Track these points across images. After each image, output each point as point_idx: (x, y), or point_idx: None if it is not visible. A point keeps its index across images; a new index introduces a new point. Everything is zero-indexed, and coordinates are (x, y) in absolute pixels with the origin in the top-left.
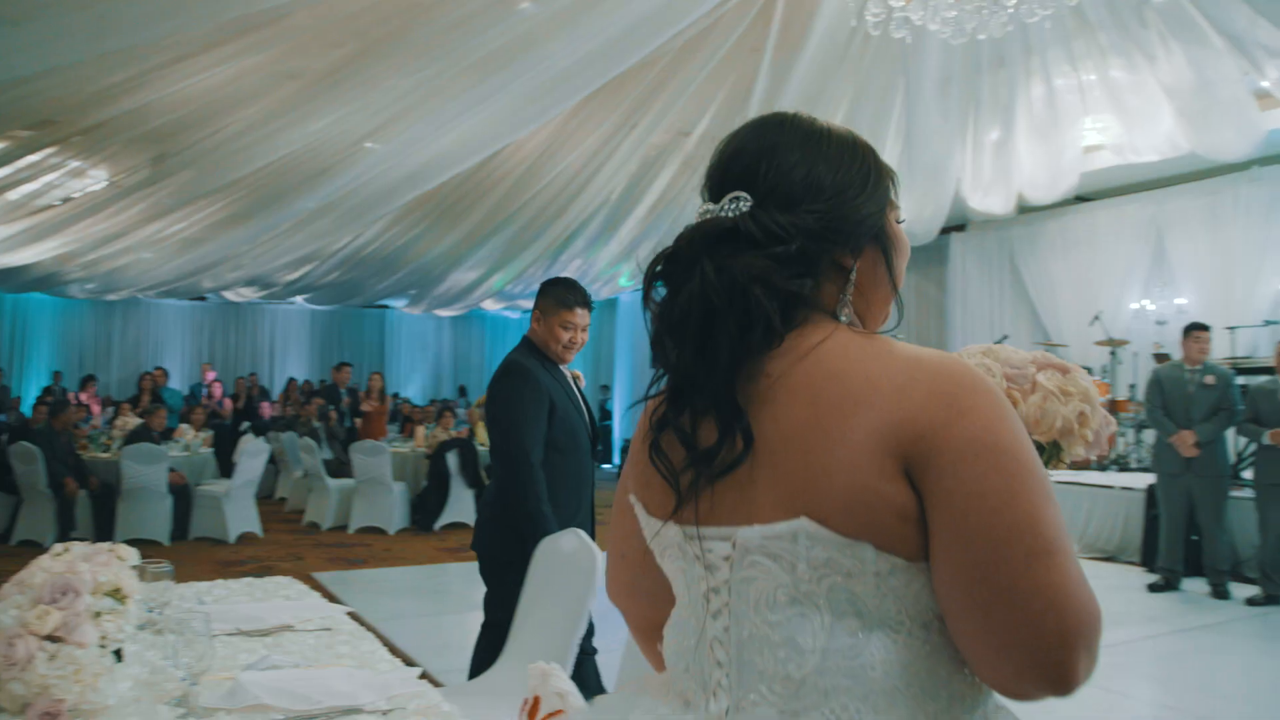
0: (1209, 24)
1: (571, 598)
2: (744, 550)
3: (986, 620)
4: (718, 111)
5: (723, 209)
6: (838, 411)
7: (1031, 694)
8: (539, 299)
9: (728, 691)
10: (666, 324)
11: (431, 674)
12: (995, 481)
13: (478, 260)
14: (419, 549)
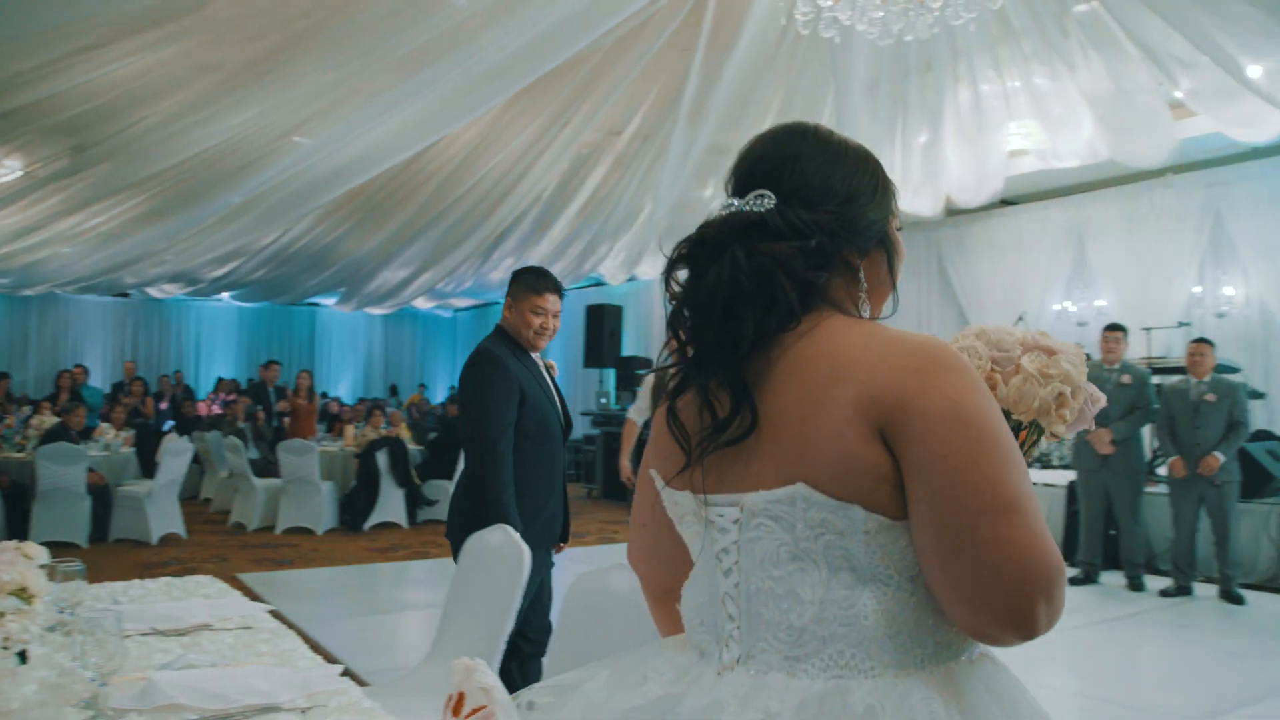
0: (1125, 35)
1: (499, 593)
2: (750, 514)
3: (953, 569)
4: (649, 110)
5: (747, 204)
6: (824, 385)
7: (997, 637)
8: (510, 287)
9: (739, 642)
10: (691, 303)
11: (360, 674)
12: (958, 446)
13: (408, 258)
14: (348, 549)
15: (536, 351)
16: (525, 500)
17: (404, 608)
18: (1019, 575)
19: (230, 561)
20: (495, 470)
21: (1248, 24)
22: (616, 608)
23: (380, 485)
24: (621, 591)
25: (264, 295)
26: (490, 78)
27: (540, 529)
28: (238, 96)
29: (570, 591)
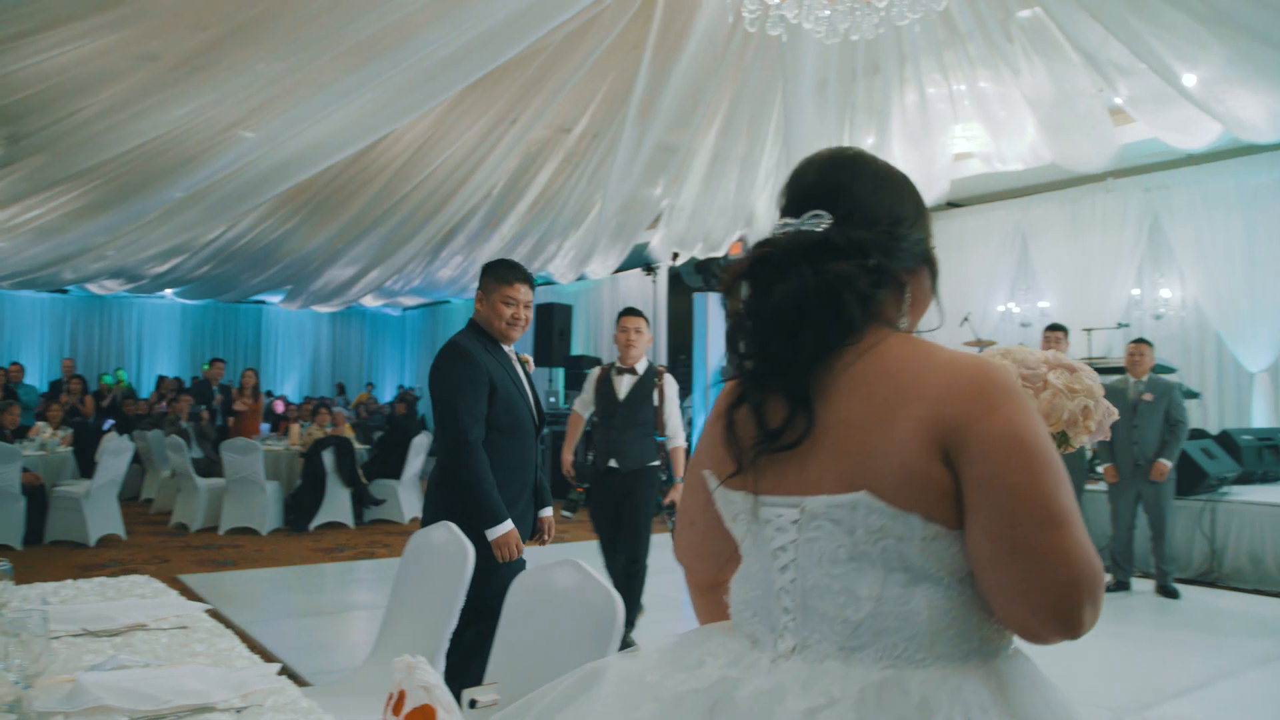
0: (1067, 41)
1: (443, 590)
2: (810, 516)
3: (1009, 574)
4: (599, 108)
5: (803, 224)
6: (889, 405)
7: (1046, 636)
8: (480, 280)
9: (793, 633)
10: (757, 317)
11: (303, 675)
12: (1016, 466)
13: (356, 255)
14: (293, 550)
15: (510, 343)
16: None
17: (350, 608)
18: (1069, 581)
19: (171, 563)
20: (471, 461)
21: (1183, 33)
22: (560, 604)
23: (326, 485)
24: (565, 588)
25: (208, 292)
26: (438, 72)
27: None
28: (180, 88)
29: (514, 588)
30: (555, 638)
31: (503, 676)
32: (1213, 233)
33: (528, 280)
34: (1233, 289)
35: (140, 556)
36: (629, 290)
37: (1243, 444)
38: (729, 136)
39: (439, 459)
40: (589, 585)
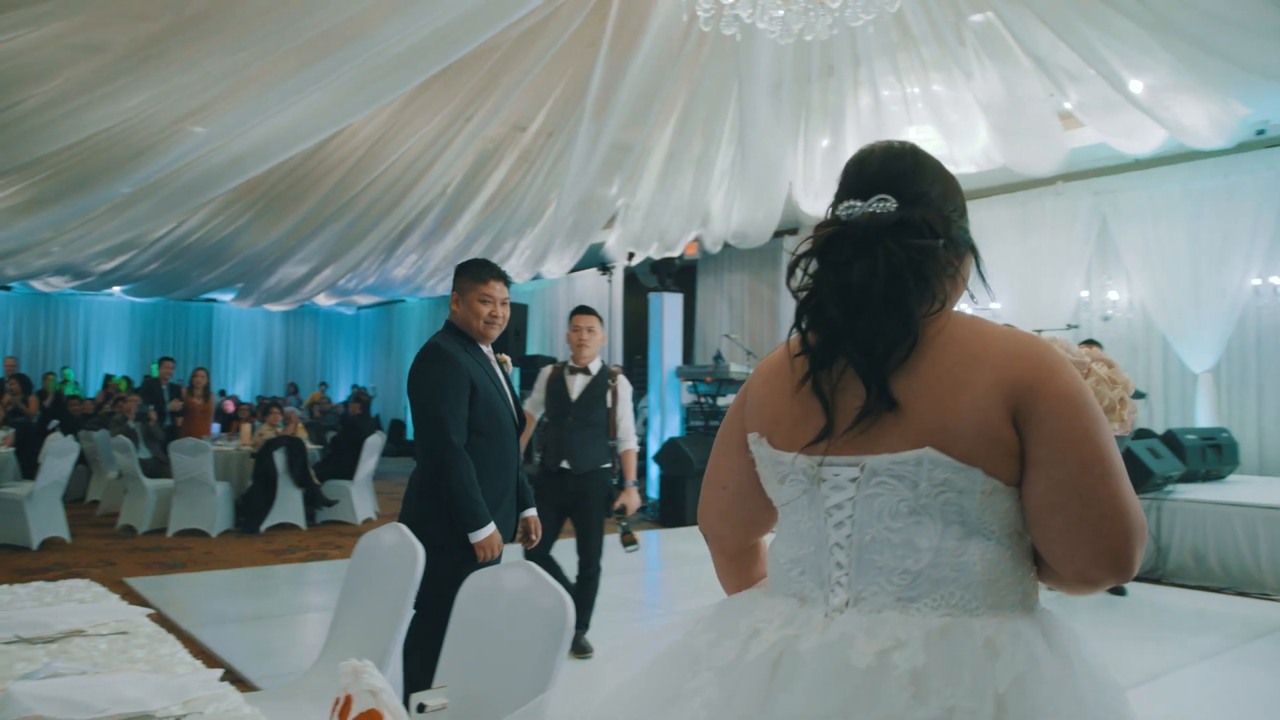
0: (1018, 45)
1: (393, 593)
2: (871, 473)
3: (1075, 522)
4: (554, 106)
5: (871, 206)
6: (963, 369)
7: (1102, 580)
8: (455, 282)
9: (846, 587)
10: (841, 289)
11: (252, 679)
12: (1077, 422)
13: (309, 253)
14: (243, 552)
15: (489, 342)
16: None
17: (301, 610)
18: (1125, 525)
19: (118, 565)
20: (456, 464)
21: (1130, 40)
22: (511, 607)
23: (278, 485)
24: (516, 590)
25: (157, 290)
26: (392, 69)
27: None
28: (127, 80)
29: (464, 591)
30: (506, 640)
31: (452, 680)
32: (1158, 236)
33: (502, 278)
34: (1177, 292)
35: (85, 560)
36: (585, 290)
37: (1187, 443)
38: (684, 136)
39: (419, 463)
40: (540, 587)
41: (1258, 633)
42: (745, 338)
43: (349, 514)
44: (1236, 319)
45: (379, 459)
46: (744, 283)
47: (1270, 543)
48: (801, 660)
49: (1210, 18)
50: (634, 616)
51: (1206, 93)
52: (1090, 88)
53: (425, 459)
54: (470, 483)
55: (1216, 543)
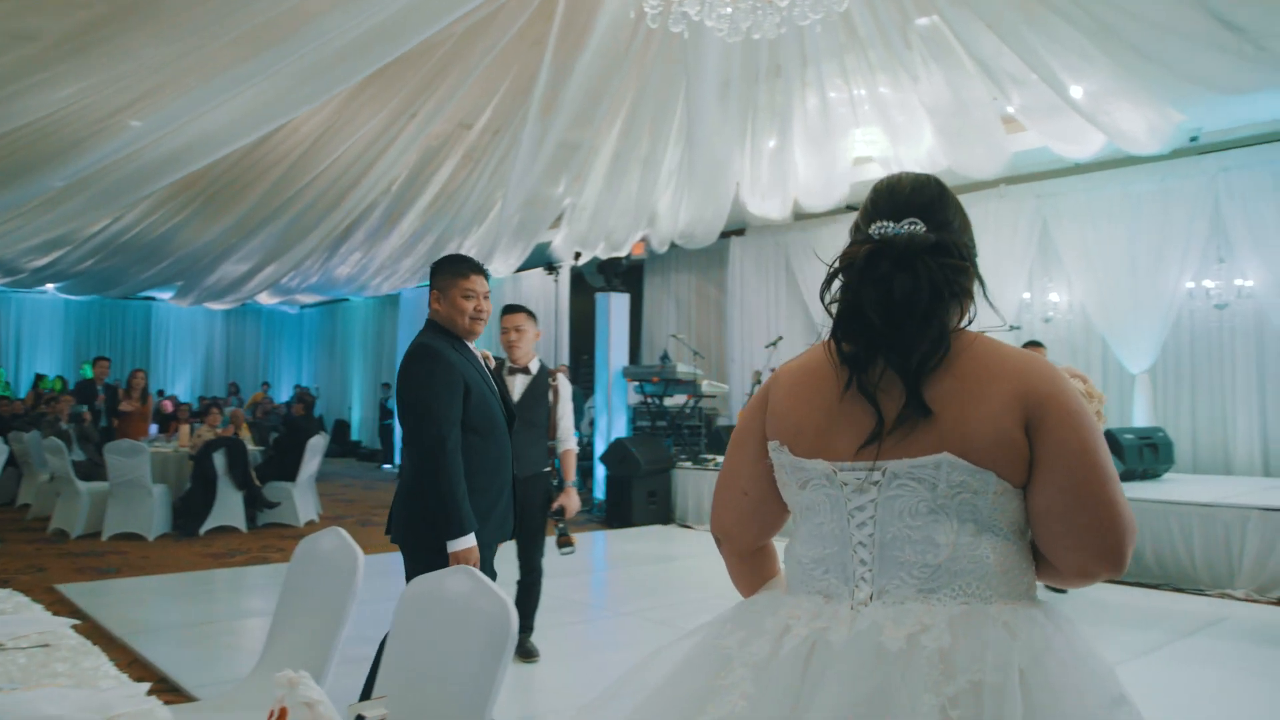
0: (963, 49)
1: (331, 600)
2: (892, 476)
3: (1077, 522)
4: (500, 103)
5: (903, 228)
6: (981, 382)
7: (1099, 573)
8: (433, 279)
9: (870, 582)
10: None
11: (189, 689)
12: (1081, 433)
13: (250, 250)
14: (181, 556)
15: (474, 338)
16: (475, 497)
17: (242, 616)
18: (1121, 527)
19: (48, 571)
20: (447, 467)
21: (1072, 46)
22: (452, 613)
23: (217, 488)
24: (457, 596)
25: (93, 288)
26: (334, 63)
27: (491, 528)
28: (59, 70)
29: (404, 597)
30: (448, 647)
31: (393, 689)
32: (1098, 239)
33: (483, 272)
34: (1116, 294)
35: (14, 565)
36: (531, 290)
37: (1125, 443)
38: (631, 135)
39: (410, 466)
40: (481, 592)
41: (1194, 628)
42: (692, 338)
43: (291, 516)
44: (1172, 321)
45: (322, 460)
46: (691, 283)
47: (1204, 540)
48: (833, 650)
49: (1150, 25)
50: (579, 619)
51: (1144, 99)
52: (1033, 92)
53: (418, 460)
54: (459, 487)
55: (1153, 540)
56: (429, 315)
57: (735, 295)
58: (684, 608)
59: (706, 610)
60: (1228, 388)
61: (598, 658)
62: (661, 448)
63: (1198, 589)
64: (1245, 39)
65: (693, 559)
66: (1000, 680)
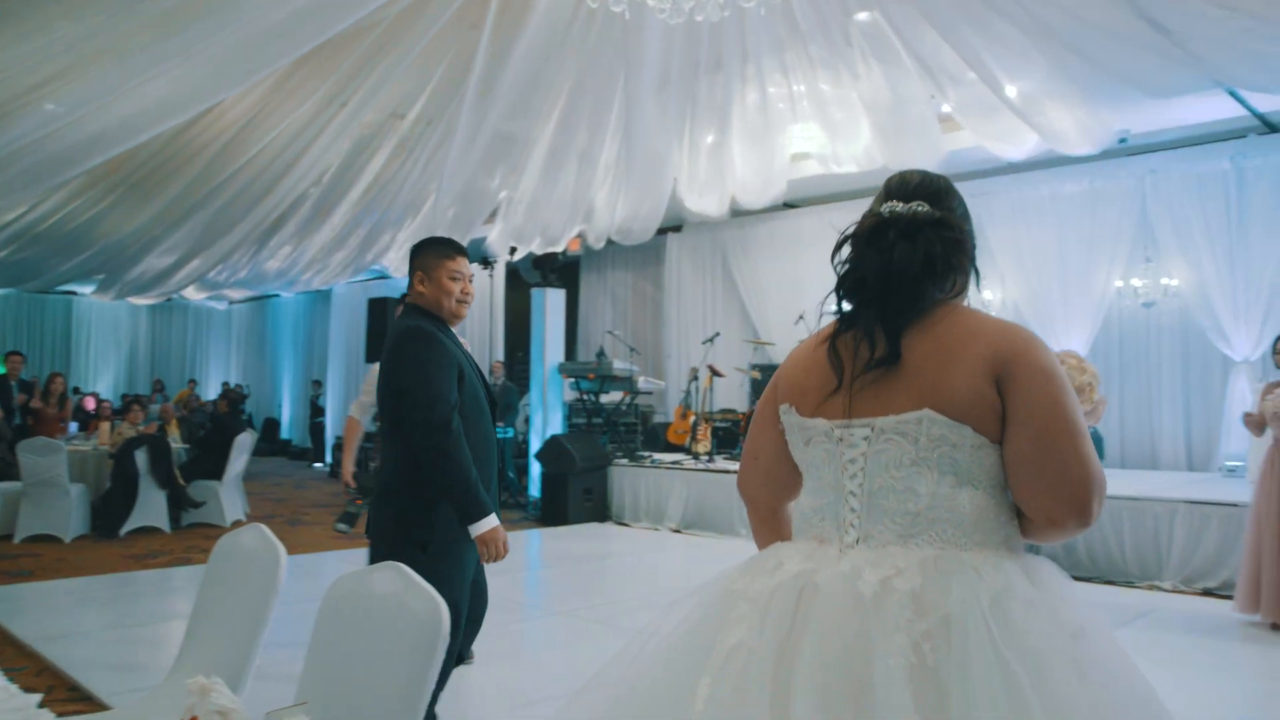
0: (902, 46)
1: (252, 600)
2: (880, 431)
3: (1044, 471)
4: (435, 91)
5: (912, 207)
6: (958, 344)
7: (1064, 524)
8: (415, 262)
9: (857, 528)
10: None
11: (104, 697)
12: (1049, 389)
13: (175, 242)
14: (100, 558)
15: (459, 322)
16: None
17: (163, 619)
18: (1086, 478)
19: None
20: (455, 451)
21: (1010, 44)
22: (380, 613)
23: (139, 487)
24: (386, 594)
25: (8, 280)
26: (260, 44)
27: None
28: None
29: (328, 595)
30: (374, 649)
31: (315, 695)
32: (1030, 238)
33: (466, 254)
34: (1047, 292)
35: None
36: None
37: None
38: (569, 128)
39: (400, 459)
40: (411, 591)
41: (1123, 620)
42: (628, 335)
43: (217, 516)
44: (1102, 319)
45: (251, 458)
46: (627, 280)
47: (1133, 533)
48: (818, 590)
49: (1087, 25)
50: (515, 618)
51: (1077, 100)
52: (969, 91)
53: (420, 450)
54: (471, 470)
55: (1084, 534)
56: (409, 299)
57: (672, 292)
58: (622, 605)
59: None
60: (1154, 384)
61: (534, 658)
62: (597, 445)
63: (1128, 581)
64: (1173, 41)
65: (630, 556)
66: (966, 613)
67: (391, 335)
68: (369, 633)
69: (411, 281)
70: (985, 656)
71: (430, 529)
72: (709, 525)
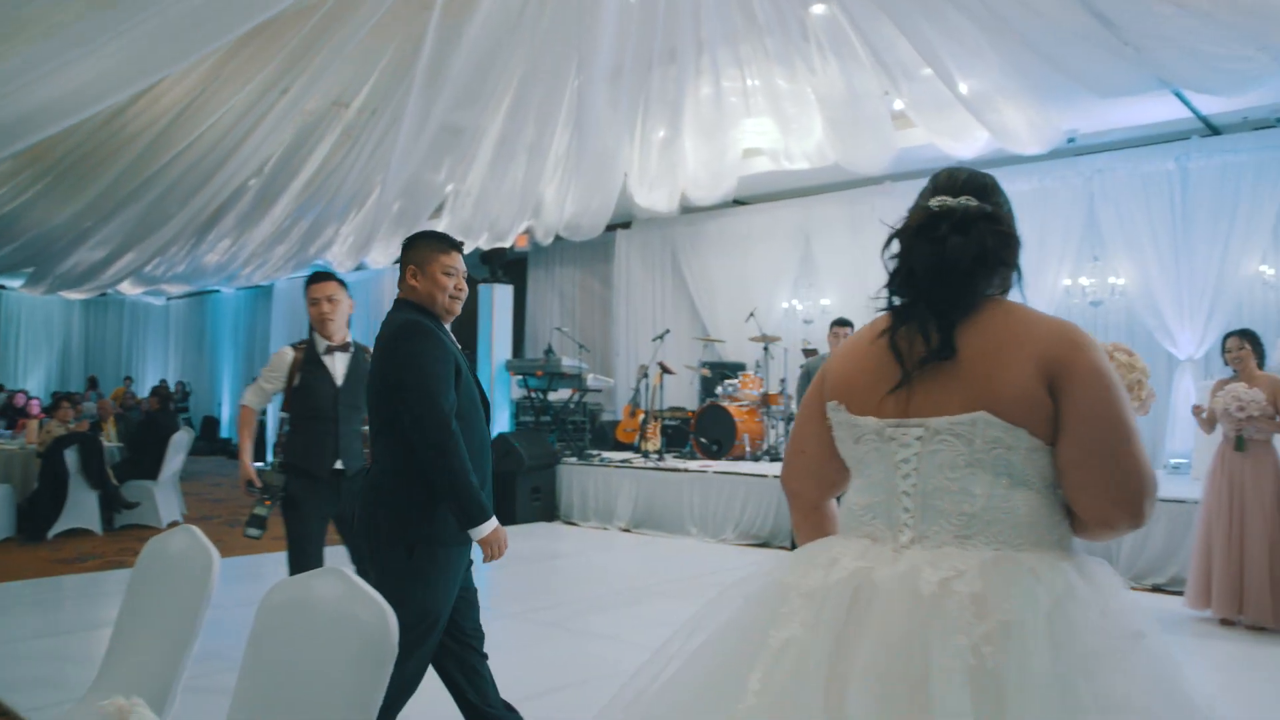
0: (858, 39)
1: (181, 609)
2: (934, 432)
3: (1098, 475)
4: (381, 78)
5: (962, 201)
6: (1008, 345)
7: (1117, 526)
8: (409, 255)
9: (912, 527)
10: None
11: (20, 711)
12: (1103, 394)
13: (108, 234)
14: (26, 562)
15: (452, 318)
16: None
17: (93, 626)
18: (1140, 480)
19: None
20: (456, 451)
21: (965, 40)
22: (322, 622)
23: (69, 487)
24: (328, 601)
25: None
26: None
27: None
28: None
29: (265, 602)
30: (315, 662)
31: (251, 711)
32: None
33: (462, 250)
34: None
35: None
36: None
37: None
38: (518, 120)
39: (395, 455)
40: (356, 598)
41: None
42: (576, 331)
43: (152, 517)
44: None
45: (188, 458)
46: (575, 277)
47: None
48: (876, 589)
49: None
50: None
51: (1028, 100)
52: (922, 87)
53: (418, 449)
54: (471, 471)
55: None
56: (400, 293)
57: (621, 289)
58: (573, 606)
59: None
60: None
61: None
62: (545, 443)
63: None
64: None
65: (579, 556)
66: (1026, 618)
67: (385, 329)
68: (310, 644)
69: (403, 275)
70: (1044, 661)
71: (421, 531)
72: (658, 524)
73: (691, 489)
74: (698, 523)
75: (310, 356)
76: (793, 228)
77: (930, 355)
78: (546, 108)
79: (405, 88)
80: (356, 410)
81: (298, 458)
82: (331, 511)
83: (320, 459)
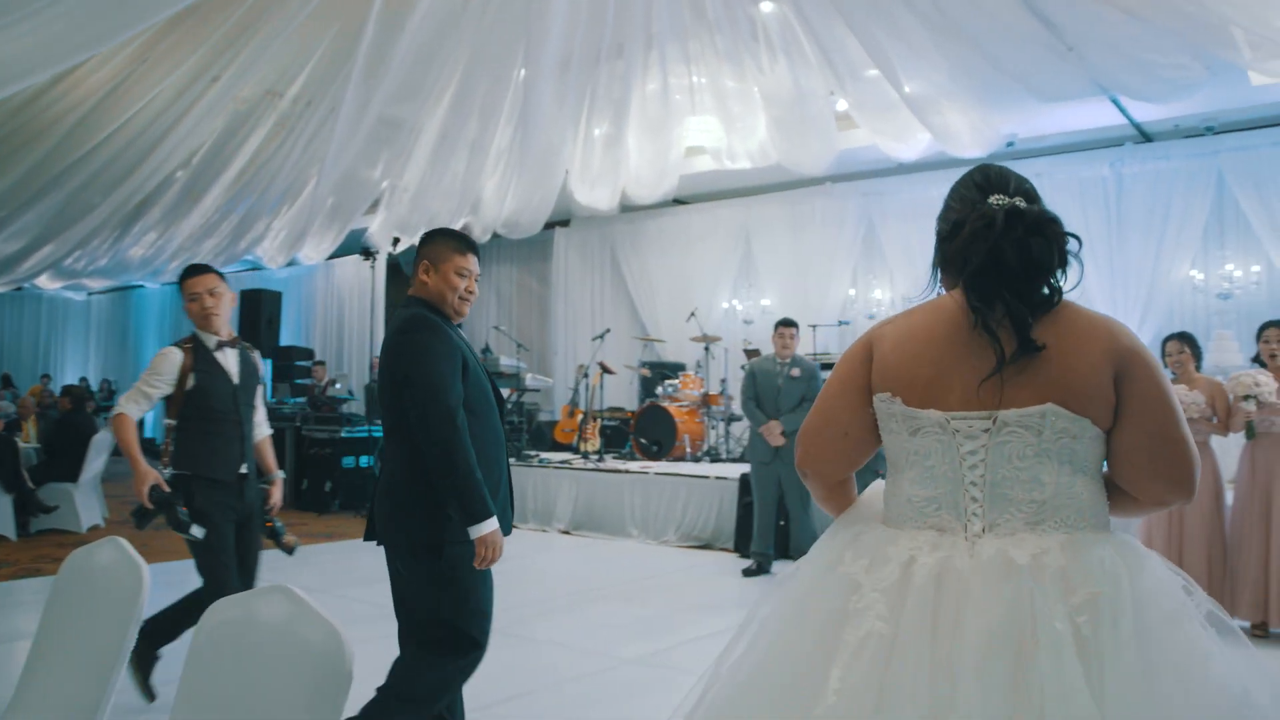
0: (806, 37)
1: (107, 628)
2: (1002, 424)
3: (1158, 460)
4: (317, 67)
5: (1019, 201)
6: (1077, 338)
7: (1173, 500)
8: (424, 251)
9: (981, 517)
10: (1022, 258)
11: None
12: (1161, 384)
13: (25, 225)
14: None
15: (459, 319)
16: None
17: (5, 640)
18: (1192, 460)
19: None
20: (462, 446)
21: (914, 41)
22: (266, 644)
23: None
24: (274, 623)
25: None
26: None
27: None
28: None
29: (203, 625)
30: (260, 688)
31: None
32: (920, 238)
33: (478, 254)
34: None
35: None
36: (344, 278)
37: None
38: (460, 114)
39: (401, 454)
40: (305, 619)
41: None
42: (514, 330)
43: (72, 521)
44: None
45: (110, 458)
46: (512, 275)
47: None
48: (962, 575)
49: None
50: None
51: (969, 103)
52: (868, 87)
53: (425, 443)
54: (476, 467)
55: None
56: (411, 290)
57: (560, 288)
58: (516, 611)
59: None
60: None
61: None
62: None
63: None
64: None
65: (518, 559)
66: (1114, 591)
67: (392, 324)
68: (254, 667)
69: (415, 270)
70: (1129, 625)
71: (445, 531)
72: (599, 526)
73: (632, 490)
74: (639, 524)
75: (201, 355)
76: (734, 227)
77: (1020, 350)
78: (490, 100)
79: (344, 78)
80: (252, 409)
81: (201, 466)
82: (234, 518)
83: (226, 464)
